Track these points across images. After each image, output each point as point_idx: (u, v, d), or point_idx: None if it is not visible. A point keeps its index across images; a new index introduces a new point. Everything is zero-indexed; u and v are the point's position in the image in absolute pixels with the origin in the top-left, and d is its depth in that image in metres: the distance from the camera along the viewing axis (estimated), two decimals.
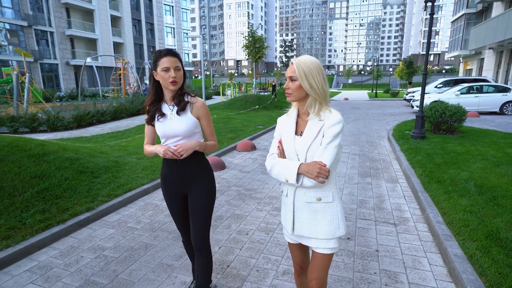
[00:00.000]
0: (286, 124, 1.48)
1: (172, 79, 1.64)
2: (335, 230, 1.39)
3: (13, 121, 8.86)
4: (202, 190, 1.81)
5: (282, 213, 1.56)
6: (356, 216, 3.44)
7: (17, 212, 3.15)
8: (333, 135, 1.32)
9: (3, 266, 2.55)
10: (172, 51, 1.68)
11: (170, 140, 1.77)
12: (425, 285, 2.25)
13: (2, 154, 3.80)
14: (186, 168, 1.79)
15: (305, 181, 1.33)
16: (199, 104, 1.77)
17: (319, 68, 1.34)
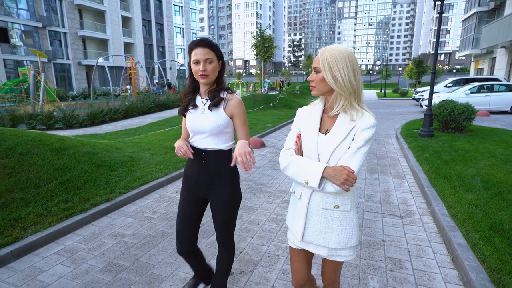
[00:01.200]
0: (308, 118, 1.34)
1: (201, 73, 1.53)
2: (347, 240, 1.29)
3: (31, 118, 9.20)
4: (226, 195, 1.69)
5: (290, 215, 1.44)
6: (363, 209, 3.56)
7: (43, 201, 3.36)
8: (365, 139, 1.20)
9: (33, 248, 2.76)
10: (204, 41, 1.54)
11: (197, 136, 1.66)
12: (428, 271, 2.36)
13: (28, 148, 4.03)
14: (210, 169, 1.67)
15: (328, 186, 1.21)
16: (234, 102, 1.62)
17: (349, 58, 1.18)
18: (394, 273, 2.34)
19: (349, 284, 2.23)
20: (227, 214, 1.71)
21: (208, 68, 1.54)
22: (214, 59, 1.55)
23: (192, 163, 1.73)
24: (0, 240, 2.66)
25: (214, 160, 1.66)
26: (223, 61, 1.63)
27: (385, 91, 29.63)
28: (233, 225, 1.77)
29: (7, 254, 2.57)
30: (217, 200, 1.70)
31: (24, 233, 2.83)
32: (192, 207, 1.76)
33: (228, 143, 1.69)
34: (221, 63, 1.62)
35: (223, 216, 1.71)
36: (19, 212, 3.08)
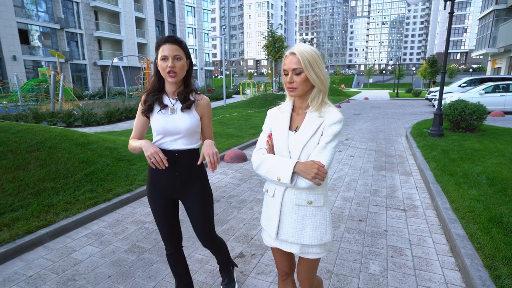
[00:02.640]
0: (278, 118, 1.38)
1: (169, 69, 1.47)
2: (321, 236, 1.31)
3: (53, 116, 9.68)
4: (200, 194, 1.69)
5: (264, 215, 1.44)
6: (368, 203, 3.73)
7: (71, 190, 3.67)
8: (333, 134, 1.23)
9: (65, 231, 3.05)
10: (173, 38, 1.50)
11: (168, 138, 1.59)
12: (427, 258, 2.53)
13: (56, 142, 4.37)
14: (183, 169, 1.64)
15: (300, 181, 1.23)
16: (205, 102, 1.64)
17: (318, 55, 1.24)
18: (394, 259, 2.52)
19: (351, 267, 2.42)
20: (204, 210, 1.70)
21: (177, 65, 1.49)
22: (183, 57, 1.51)
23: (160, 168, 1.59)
24: (37, 223, 2.97)
25: (187, 160, 1.63)
26: (191, 61, 1.59)
27: (398, 91, 29.34)
28: (212, 221, 1.78)
29: (44, 235, 2.86)
30: (191, 199, 1.68)
31: (56, 218, 3.13)
32: (166, 212, 1.71)
33: (198, 142, 1.69)
34: (189, 62, 1.58)
35: (200, 214, 1.69)
36: (51, 199, 3.39)
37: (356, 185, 4.38)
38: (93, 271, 2.43)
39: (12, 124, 4.52)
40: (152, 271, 2.41)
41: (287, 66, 1.25)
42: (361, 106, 18.78)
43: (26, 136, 4.21)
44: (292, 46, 1.26)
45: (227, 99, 22.04)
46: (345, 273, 2.35)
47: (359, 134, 8.69)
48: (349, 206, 3.63)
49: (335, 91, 31.69)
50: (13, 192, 3.30)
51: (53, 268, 2.48)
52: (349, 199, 3.85)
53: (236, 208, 3.64)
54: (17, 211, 3.09)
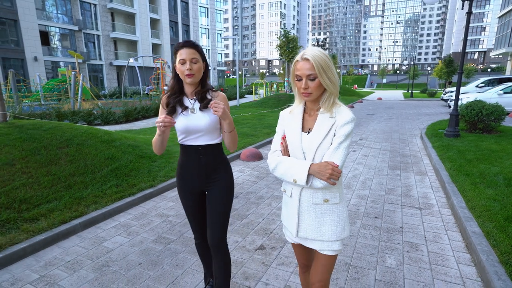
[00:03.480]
0: (291, 120, 1.41)
1: (187, 72, 1.58)
2: (340, 232, 1.36)
3: (74, 115, 10.06)
4: (222, 186, 1.76)
5: (284, 214, 1.50)
6: (384, 201, 3.80)
7: (98, 184, 3.89)
8: (345, 134, 1.26)
9: (95, 222, 3.26)
10: (190, 42, 1.61)
11: (191, 136, 1.70)
12: (443, 254, 2.60)
13: (82, 139, 4.61)
14: (207, 162, 1.73)
15: (315, 182, 1.27)
16: (220, 97, 1.71)
17: (330, 59, 1.26)
18: (410, 254, 2.60)
19: (368, 260, 2.52)
20: (224, 205, 1.75)
21: (194, 68, 1.59)
22: (199, 60, 1.61)
23: (188, 161, 1.74)
24: (70, 214, 3.18)
25: (211, 152, 1.72)
26: (206, 63, 1.69)
27: (412, 91, 28.88)
28: (227, 222, 1.78)
29: (77, 225, 3.08)
30: (216, 190, 1.75)
31: (87, 210, 3.34)
32: (193, 203, 1.81)
33: (219, 137, 1.77)
34: (205, 65, 1.68)
35: (221, 206, 1.74)
36: (81, 193, 3.61)
37: (371, 184, 4.45)
38: (124, 258, 2.62)
39: (43, 122, 4.79)
40: (179, 260, 2.57)
41: (301, 72, 1.26)
42: (375, 106, 18.62)
43: (56, 133, 4.47)
44: (303, 49, 1.29)
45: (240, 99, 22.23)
46: (362, 265, 2.45)
47: (373, 134, 8.69)
48: (364, 204, 3.71)
49: (348, 91, 31.45)
50: (48, 185, 3.53)
51: (88, 255, 2.67)
52: (365, 197, 3.93)
53: (255, 204, 3.78)
54: (52, 203, 3.32)
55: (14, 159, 3.66)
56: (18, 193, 3.26)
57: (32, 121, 4.80)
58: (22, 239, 2.72)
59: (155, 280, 2.32)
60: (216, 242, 1.76)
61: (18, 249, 2.60)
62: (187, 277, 2.35)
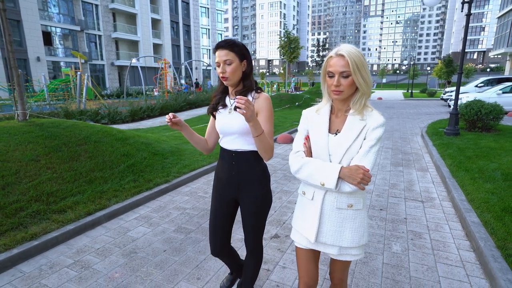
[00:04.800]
0: (316, 120, 1.35)
1: (221, 75, 1.54)
2: (359, 238, 1.32)
3: (82, 114, 10.27)
4: (256, 198, 1.67)
5: (299, 217, 1.43)
6: (388, 195, 4.01)
7: (117, 180, 4.10)
8: (376, 138, 1.22)
9: (117, 215, 3.47)
10: (223, 42, 1.53)
11: (227, 137, 1.66)
12: (444, 241, 2.81)
13: (99, 137, 4.82)
14: (240, 170, 1.66)
15: (344, 186, 1.22)
16: (261, 98, 1.59)
17: (363, 57, 1.23)
18: (414, 241, 2.81)
19: (375, 247, 2.73)
20: (257, 216, 1.69)
21: (227, 70, 1.52)
22: (235, 60, 1.52)
23: (222, 164, 1.72)
24: (94, 206, 3.39)
25: (245, 161, 1.64)
26: (248, 61, 1.58)
27: (412, 91, 29.10)
28: (263, 228, 1.76)
29: (101, 217, 3.28)
30: (247, 202, 1.68)
31: (109, 203, 3.55)
32: (224, 209, 1.75)
33: None
34: (246, 63, 1.58)
35: (252, 219, 1.68)
36: (101, 187, 3.82)
37: (375, 179, 4.66)
38: (149, 246, 2.83)
39: (60, 121, 5.00)
40: (200, 247, 2.78)
41: (334, 68, 1.21)
42: (375, 106, 18.77)
43: (74, 131, 4.67)
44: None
45: None
46: (370, 251, 2.66)
47: None
48: (370, 197, 3.93)
49: None
50: (71, 180, 3.74)
51: (115, 243, 2.88)
52: (370, 191, 4.15)
53: None
54: (76, 196, 3.52)
55: (39, 155, 3.86)
56: (45, 187, 3.46)
57: (50, 119, 5.00)
58: (54, 228, 2.93)
59: (180, 264, 2.53)
60: (250, 250, 1.78)
61: (51, 237, 2.81)
62: (210, 261, 2.56)
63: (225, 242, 1.82)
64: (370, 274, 2.36)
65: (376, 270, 2.40)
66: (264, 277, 2.35)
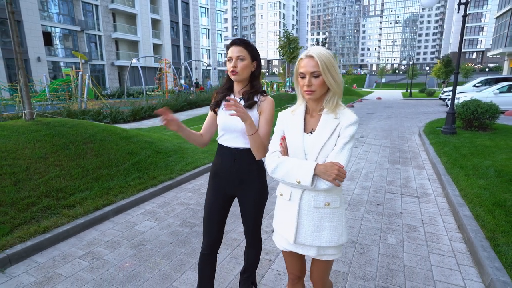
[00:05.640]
0: (291, 120, 1.38)
1: (231, 69, 1.58)
2: (338, 237, 1.33)
3: (84, 114, 10.38)
4: (255, 192, 1.73)
5: (278, 219, 1.44)
6: (385, 191, 4.15)
7: (122, 177, 4.23)
8: (350, 135, 1.25)
9: (124, 210, 3.60)
10: (239, 40, 1.60)
11: (229, 135, 1.69)
12: (437, 233, 2.95)
13: (104, 136, 4.95)
14: (241, 167, 1.70)
15: (320, 183, 1.23)
16: (266, 101, 1.65)
17: (334, 58, 1.26)
18: (409, 234, 2.95)
19: (372, 239, 2.87)
20: (256, 209, 1.76)
21: (239, 65, 1.57)
22: (247, 58, 1.58)
23: (222, 162, 1.73)
24: (101, 202, 3.52)
25: (246, 158, 1.67)
26: (258, 63, 1.64)
27: (411, 91, 29.28)
28: (261, 219, 1.84)
29: (109, 212, 3.42)
30: (246, 198, 1.74)
31: (115, 198, 3.68)
32: (220, 205, 1.78)
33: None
34: (256, 64, 1.64)
35: (252, 212, 1.75)
36: (108, 184, 3.95)
37: (373, 177, 4.80)
38: (156, 239, 2.96)
39: (66, 120, 5.13)
40: None
41: (305, 69, 1.25)
42: (374, 105, 18.99)
43: (80, 130, 4.80)
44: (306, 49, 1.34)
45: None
46: (367, 243, 2.80)
47: (374, 132, 9.05)
48: (367, 193, 4.07)
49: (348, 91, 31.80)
50: (78, 177, 3.87)
51: (123, 236, 3.01)
52: (367, 188, 4.28)
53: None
54: (84, 192, 3.65)
55: (47, 153, 3.99)
56: (54, 183, 3.59)
57: (56, 119, 5.13)
58: (64, 222, 3.06)
59: (187, 255, 2.66)
60: (252, 240, 1.87)
61: (62, 230, 2.94)
62: None
63: (220, 237, 1.84)
64: (367, 263, 2.49)
65: (372, 260, 2.53)
66: (266, 266, 2.48)
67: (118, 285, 2.27)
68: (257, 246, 1.92)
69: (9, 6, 4.32)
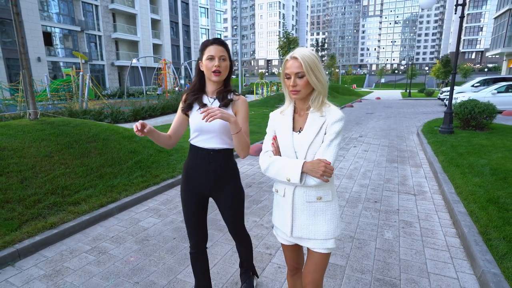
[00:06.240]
0: (281, 120, 1.43)
1: (215, 68, 1.56)
2: (334, 229, 1.38)
3: (85, 114, 10.47)
4: (230, 195, 1.75)
5: (276, 215, 1.51)
6: (382, 188, 4.24)
7: (125, 175, 4.32)
8: (336, 131, 1.29)
9: (128, 207, 3.69)
10: (220, 40, 1.59)
11: (204, 136, 1.66)
12: (433, 229, 3.04)
13: (107, 135, 5.04)
14: (217, 167, 1.69)
15: (309, 180, 1.28)
16: (240, 100, 1.68)
17: (318, 59, 1.30)
18: (405, 229, 3.05)
19: (369, 234, 2.96)
20: (236, 208, 1.77)
21: (222, 65, 1.58)
22: (227, 58, 1.60)
23: (197, 163, 1.71)
24: (106, 199, 3.61)
25: (221, 159, 1.68)
26: (231, 62, 1.66)
27: (410, 91, 29.39)
28: (242, 217, 1.85)
29: (113, 209, 3.51)
30: (224, 198, 1.74)
31: (119, 196, 3.77)
32: (198, 208, 1.78)
33: (232, 142, 1.71)
34: (230, 65, 1.66)
35: (232, 211, 1.76)
36: (112, 182, 4.04)
37: (371, 175, 4.89)
38: (160, 234, 3.05)
39: (69, 119, 5.21)
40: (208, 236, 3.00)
41: (290, 70, 1.30)
42: (373, 105, 19.10)
43: (83, 129, 4.89)
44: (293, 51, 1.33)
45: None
46: (364, 238, 2.89)
47: (372, 132, 9.15)
48: (365, 191, 4.16)
49: (347, 91, 31.92)
50: (83, 175, 3.96)
51: (128, 232, 3.10)
52: (365, 186, 4.38)
53: (267, 191, 4.21)
54: (88, 190, 3.74)
55: (52, 152, 4.08)
56: (59, 181, 3.68)
57: (60, 118, 5.22)
58: (70, 218, 3.15)
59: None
60: (237, 237, 1.92)
61: (68, 226, 3.03)
62: (217, 247, 2.78)
63: (205, 235, 1.87)
64: (364, 257, 2.58)
65: (369, 254, 2.63)
66: (267, 260, 2.57)
67: (124, 278, 2.36)
68: (245, 242, 1.96)
69: (15, 7, 4.40)
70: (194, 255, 1.87)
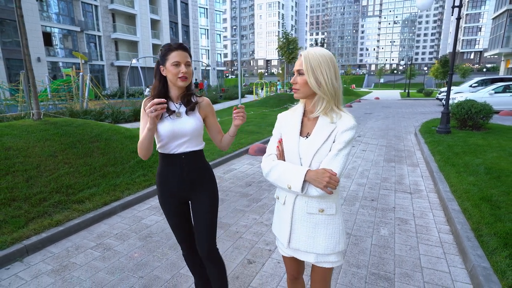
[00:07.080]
0: (289, 122, 1.35)
1: (182, 74, 1.55)
2: (335, 245, 1.28)
3: (86, 114, 10.55)
4: (207, 194, 1.71)
5: (276, 222, 1.44)
6: (379, 187, 4.34)
7: (128, 174, 4.40)
8: (345, 141, 1.20)
9: (131, 205, 3.78)
10: (183, 45, 1.57)
11: (176, 141, 1.63)
12: (427, 226, 3.14)
13: (109, 135, 5.12)
14: (190, 170, 1.67)
15: (311, 190, 1.19)
16: (206, 103, 1.71)
17: (332, 61, 1.20)
18: (400, 226, 3.14)
19: (365, 231, 3.05)
20: (212, 213, 1.71)
21: (189, 71, 1.58)
22: (191, 63, 1.61)
23: (170, 170, 1.67)
24: (109, 198, 3.70)
25: (194, 161, 1.67)
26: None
27: (409, 91, 29.51)
28: (215, 230, 1.74)
29: (116, 207, 3.59)
30: (201, 199, 1.70)
31: (122, 195, 3.86)
32: (179, 214, 1.75)
33: (202, 144, 1.73)
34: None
35: (208, 215, 1.69)
36: (114, 181, 4.13)
37: (369, 174, 4.99)
38: (162, 231, 3.14)
39: (72, 120, 5.30)
40: None
41: (295, 67, 1.27)
42: (372, 105, 19.21)
43: (86, 129, 4.97)
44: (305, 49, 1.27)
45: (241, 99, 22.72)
46: (361, 234, 2.99)
47: (371, 132, 9.25)
48: (362, 190, 4.25)
49: (346, 91, 32.01)
50: (86, 174, 4.04)
51: (131, 229, 3.19)
52: (363, 184, 4.47)
53: (267, 190, 4.31)
54: (92, 189, 3.83)
55: (56, 152, 4.17)
56: (64, 180, 3.77)
57: (63, 118, 5.30)
58: (75, 216, 3.24)
59: None
60: (206, 253, 1.70)
61: (74, 224, 3.12)
62: (218, 244, 2.87)
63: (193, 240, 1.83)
64: (360, 253, 2.68)
65: (365, 250, 2.72)
66: (266, 255, 2.67)
67: (129, 272, 2.45)
68: (218, 263, 1.77)
69: (19, 10, 4.48)
70: (186, 256, 1.89)
